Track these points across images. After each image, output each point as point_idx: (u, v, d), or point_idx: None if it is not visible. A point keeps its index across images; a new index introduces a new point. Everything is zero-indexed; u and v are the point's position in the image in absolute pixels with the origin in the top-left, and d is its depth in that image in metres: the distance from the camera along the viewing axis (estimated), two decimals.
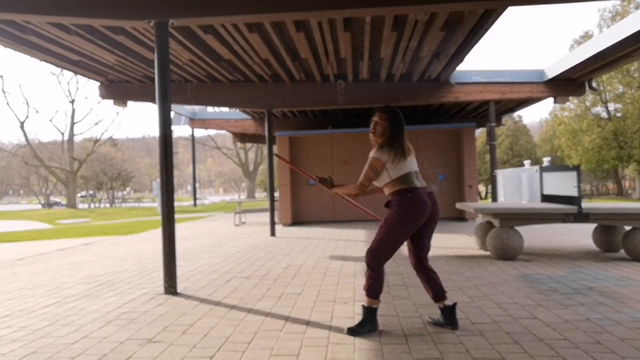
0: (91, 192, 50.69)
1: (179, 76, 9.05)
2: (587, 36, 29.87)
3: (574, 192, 12.11)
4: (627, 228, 5.99)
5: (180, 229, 11.98)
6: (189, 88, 9.45)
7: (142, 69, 8.26)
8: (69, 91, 60.30)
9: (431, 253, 6.91)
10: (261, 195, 49.94)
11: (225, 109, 14.64)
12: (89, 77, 9.13)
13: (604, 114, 31.18)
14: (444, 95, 9.77)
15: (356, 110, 12.72)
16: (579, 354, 2.78)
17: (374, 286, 3.24)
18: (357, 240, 8.47)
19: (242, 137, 16.92)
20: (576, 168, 14.10)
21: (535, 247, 7.17)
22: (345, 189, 3.56)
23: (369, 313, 3.25)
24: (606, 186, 41.21)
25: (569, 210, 5.99)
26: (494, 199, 11.24)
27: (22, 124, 41.15)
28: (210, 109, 14.58)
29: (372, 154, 3.31)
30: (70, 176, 41.31)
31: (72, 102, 42.05)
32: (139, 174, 62.71)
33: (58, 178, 42.91)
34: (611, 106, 30.73)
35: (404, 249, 3.46)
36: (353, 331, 3.21)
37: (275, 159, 12.38)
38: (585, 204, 6.30)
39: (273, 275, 5.36)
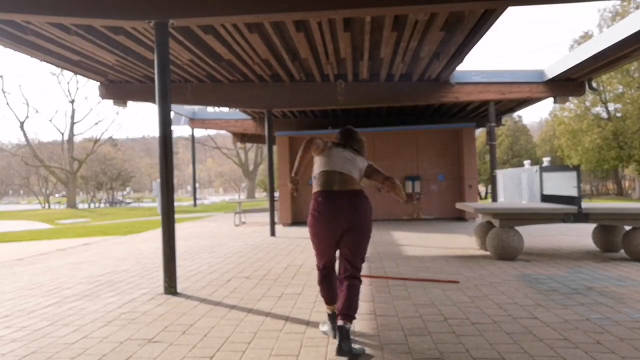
0: (90, 196, 50.62)
1: (179, 76, 9.05)
2: (587, 36, 29.87)
3: (573, 192, 12.14)
4: (627, 228, 5.99)
5: (180, 229, 11.98)
6: (189, 88, 9.45)
7: (142, 69, 8.26)
8: (69, 91, 60.28)
9: (430, 253, 6.90)
10: (261, 195, 49.95)
11: (225, 109, 14.64)
12: (89, 77, 9.13)
13: (604, 114, 31.19)
14: (444, 95, 9.77)
15: (356, 110, 12.73)
16: (579, 354, 2.78)
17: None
18: None
19: (242, 137, 16.92)
20: (576, 168, 14.10)
21: (535, 247, 7.17)
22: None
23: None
24: (606, 186, 41.21)
25: (568, 210, 5.99)
26: (494, 199, 11.24)
27: (22, 124, 41.11)
28: (210, 109, 14.58)
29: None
30: (70, 176, 41.29)
31: (72, 102, 42.02)
32: (139, 174, 62.73)
33: (58, 178, 42.88)
34: (611, 106, 30.74)
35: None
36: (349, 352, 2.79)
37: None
38: (585, 204, 6.31)
39: (273, 275, 5.36)
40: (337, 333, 2.88)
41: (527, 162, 19.69)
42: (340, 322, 2.84)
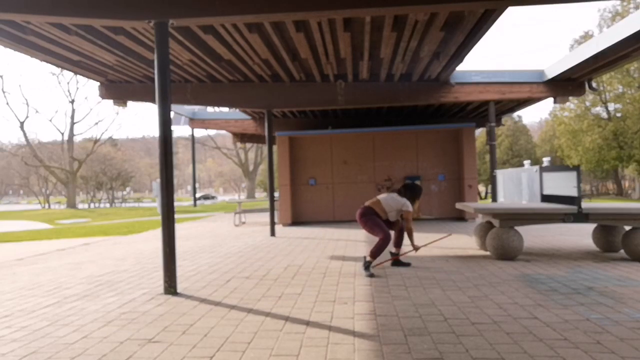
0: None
1: (179, 76, 9.05)
2: (587, 36, 29.89)
3: (573, 192, 12.17)
4: (627, 228, 5.99)
5: (180, 229, 11.98)
6: (189, 88, 9.44)
7: (142, 69, 8.26)
8: (68, 91, 60.35)
9: (430, 253, 6.93)
10: (261, 195, 49.96)
11: (225, 109, 14.64)
12: (89, 77, 9.12)
13: (604, 114, 31.20)
14: (443, 95, 9.76)
15: (356, 110, 12.72)
16: (579, 354, 2.78)
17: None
18: (357, 240, 8.46)
19: (242, 137, 16.92)
20: (576, 168, 14.12)
21: (535, 247, 7.17)
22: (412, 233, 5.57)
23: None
24: (606, 186, 41.22)
25: (568, 210, 5.99)
26: (494, 199, 11.23)
27: (22, 124, 41.18)
28: (210, 109, 14.57)
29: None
30: (70, 176, 41.30)
31: (72, 102, 42.10)
32: (139, 174, 62.76)
33: (58, 178, 42.90)
34: (611, 106, 30.75)
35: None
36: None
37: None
38: (585, 204, 6.30)
39: (273, 275, 5.36)
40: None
41: (527, 162, 19.71)
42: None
